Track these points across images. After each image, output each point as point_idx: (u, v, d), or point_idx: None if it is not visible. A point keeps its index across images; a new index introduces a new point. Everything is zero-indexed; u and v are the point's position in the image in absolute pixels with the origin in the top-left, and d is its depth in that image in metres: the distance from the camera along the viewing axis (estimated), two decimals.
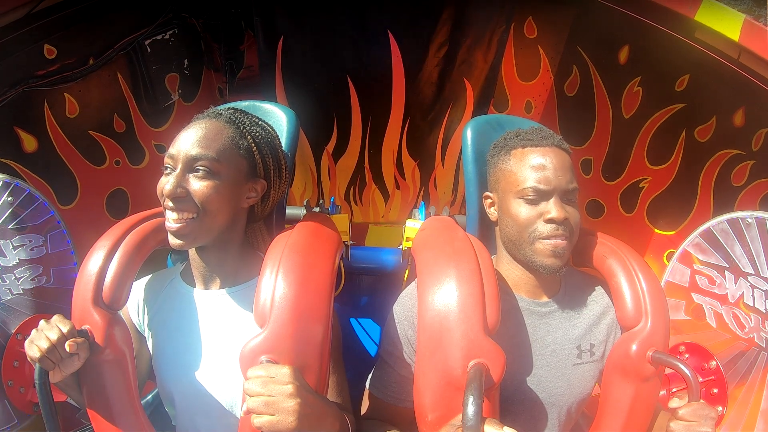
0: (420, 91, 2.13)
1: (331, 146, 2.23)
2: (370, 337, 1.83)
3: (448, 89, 2.13)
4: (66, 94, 1.57)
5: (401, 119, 2.21)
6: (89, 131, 1.68)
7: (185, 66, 2.02)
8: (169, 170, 0.86)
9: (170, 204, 0.84)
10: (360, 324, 1.85)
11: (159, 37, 1.86)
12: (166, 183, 0.83)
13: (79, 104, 1.62)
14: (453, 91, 2.12)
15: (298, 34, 1.96)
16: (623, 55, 1.79)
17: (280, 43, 1.97)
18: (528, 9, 2.00)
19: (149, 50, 1.82)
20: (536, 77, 2.12)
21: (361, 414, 0.99)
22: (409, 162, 2.31)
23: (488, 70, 2.05)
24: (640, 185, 1.82)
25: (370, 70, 2.06)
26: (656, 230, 1.75)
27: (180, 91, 2.02)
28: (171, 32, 1.90)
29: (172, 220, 0.84)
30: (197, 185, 0.84)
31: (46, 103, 1.52)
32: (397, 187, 2.39)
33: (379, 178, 2.37)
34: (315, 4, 1.90)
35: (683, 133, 1.68)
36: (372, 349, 1.82)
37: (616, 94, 1.85)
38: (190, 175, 0.84)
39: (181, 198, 0.83)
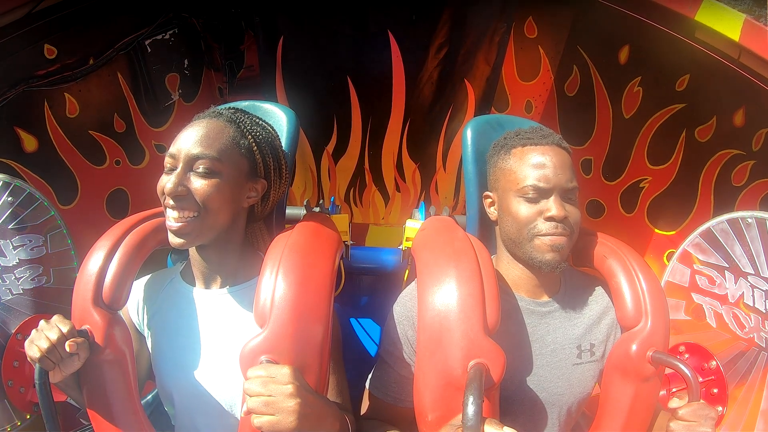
0: (420, 92, 2.11)
1: (331, 147, 2.23)
2: (370, 337, 1.82)
3: (449, 90, 2.11)
4: (66, 94, 1.57)
5: (401, 121, 2.20)
6: (89, 131, 1.68)
7: (185, 66, 2.02)
8: (169, 169, 0.86)
9: (171, 202, 0.84)
10: (360, 324, 1.85)
11: (159, 37, 1.85)
12: (167, 182, 0.83)
13: (79, 104, 1.62)
14: (454, 93, 2.11)
15: (298, 34, 1.96)
16: (623, 55, 1.78)
17: (280, 43, 1.96)
18: (528, 9, 2.00)
19: (149, 50, 1.81)
20: (536, 77, 2.11)
21: (361, 414, 0.99)
22: (409, 164, 2.30)
23: (490, 71, 2.04)
24: (641, 185, 1.82)
25: (370, 70, 2.05)
26: (656, 230, 1.75)
27: (180, 91, 2.02)
28: (171, 32, 1.91)
29: (172, 218, 0.84)
30: (198, 184, 0.84)
31: (46, 103, 1.51)
32: (398, 189, 2.38)
33: (379, 180, 2.36)
34: (315, 5, 1.90)
35: (683, 133, 1.67)
36: (372, 349, 1.81)
37: (616, 94, 1.85)
38: (191, 173, 0.84)
39: (182, 196, 0.83)
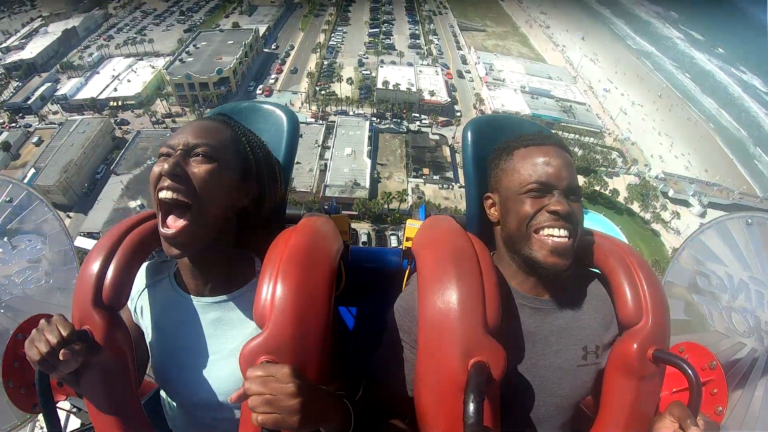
0: None
1: None
2: (369, 336, 1.82)
3: None
4: None
5: None
6: None
7: None
8: (165, 157, 0.85)
9: (166, 183, 0.82)
10: (359, 324, 1.85)
11: None
12: (164, 163, 0.82)
13: None
14: None
15: None
16: None
17: None
18: None
19: None
20: None
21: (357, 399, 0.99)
22: None
23: None
24: None
25: None
26: None
27: None
28: None
29: (163, 198, 0.82)
30: (197, 168, 0.84)
31: None
32: None
33: None
34: None
35: None
36: (371, 349, 1.81)
37: None
38: (190, 159, 0.84)
39: (180, 177, 0.82)
